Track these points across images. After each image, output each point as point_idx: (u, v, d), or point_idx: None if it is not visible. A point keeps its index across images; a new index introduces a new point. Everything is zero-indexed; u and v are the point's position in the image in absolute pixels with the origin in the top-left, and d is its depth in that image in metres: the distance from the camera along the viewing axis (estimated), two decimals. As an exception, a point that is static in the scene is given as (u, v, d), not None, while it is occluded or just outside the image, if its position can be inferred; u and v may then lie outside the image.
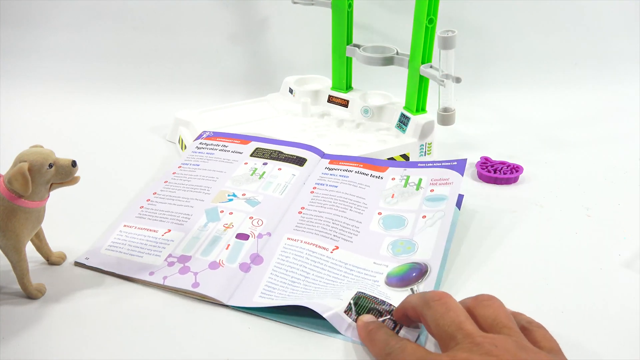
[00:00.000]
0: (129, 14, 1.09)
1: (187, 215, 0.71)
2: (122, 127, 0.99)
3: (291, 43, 1.12)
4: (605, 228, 0.73)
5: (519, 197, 0.79)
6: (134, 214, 0.72)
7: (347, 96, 0.97)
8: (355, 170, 0.79)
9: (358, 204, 0.73)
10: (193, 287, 0.61)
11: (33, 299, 0.60)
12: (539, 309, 0.59)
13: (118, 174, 0.84)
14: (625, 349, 0.55)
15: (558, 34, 1.13)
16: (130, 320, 0.57)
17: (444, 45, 0.79)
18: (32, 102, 1.05)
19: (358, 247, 0.67)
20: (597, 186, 0.82)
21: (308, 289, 0.61)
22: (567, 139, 0.97)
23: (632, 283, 0.63)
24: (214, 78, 1.12)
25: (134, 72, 1.10)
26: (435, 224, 0.68)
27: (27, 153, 0.56)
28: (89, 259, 0.65)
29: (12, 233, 0.56)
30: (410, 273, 0.63)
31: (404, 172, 0.78)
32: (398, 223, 0.70)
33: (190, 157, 0.83)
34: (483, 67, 1.12)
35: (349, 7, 0.91)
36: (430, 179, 0.75)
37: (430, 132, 0.87)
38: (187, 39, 1.11)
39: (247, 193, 0.75)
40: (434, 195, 0.73)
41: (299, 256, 0.65)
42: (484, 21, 1.11)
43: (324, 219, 0.71)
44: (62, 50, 1.10)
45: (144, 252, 0.66)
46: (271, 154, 0.82)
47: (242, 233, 0.68)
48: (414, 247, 0.66)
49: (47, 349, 0.54)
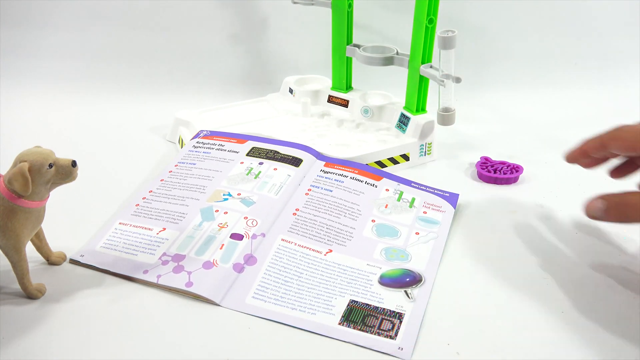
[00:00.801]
0: (129, 14, 1.09)
1: (182, 214, 0.71)
2: (122, 127, 0.99)
3: (291, 43, 1.12)
4: (605, 228, 0.72)
5: (519, 197, 0.79)
6: (130, 211, 0.72)
7: (347, 96, 0.97)
8: (350, 176, 0.79)
9: (352, 210, 0.74)
10: (186, 286, 0.61)
11: (33, 299, 0.60)
12: (539, 309, 0.60)
13: (118, 174, 0.84)
14: (626, 349, 0.55)
15: (558, 34, 1.13)
16: (131, 320, 0.57)
17: (444, 45, 0.79)
18: (32, 102, 1.05)
19: (351, 250, 0.67)
20: (597, 186, 0.82)
21: (301, 290, 0.61)
22: (567, 139, 0.96)
23: (632, 283, 0.63)
24: (214, 78, 1.12)
25: (134, 72, 1.10)
26: (428, 242, 0.69)
27: (27, 153, 0.56)
28: (84, 257, 0.65)
29: (12, 233, 0.56)
30: (404, 277, 0.63)
31: (398, 186, 0.78)
32: (391, 232, 0.70)
33: (187, 156, 0.83)
34: (483, 67, 1.12)
35: (349, 7, 0.91)
36: (424, 202, 0.76)
37: (430, 132, 0.87)
38: (187, 39, 1.11)
39: (242, 193, 0.75)
40: (427, 217, 0.73)
41: (293, 257, 0.66)
42: (484, 21, 1.11)
43: (318, 223, 0.71)
44: (62, 50, 1.10)
45: (139, 250, 0.66)
46: (267, 154, 0.82)
47: (236, 233, 0.68)
48: (407, 256, 0.67)
49: (47, 349, 0.54)
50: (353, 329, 0.57)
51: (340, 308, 0.59)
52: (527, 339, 0.56)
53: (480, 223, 0.74)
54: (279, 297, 0.60)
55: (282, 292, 0.61)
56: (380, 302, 0.60)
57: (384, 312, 0.59)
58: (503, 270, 0.65)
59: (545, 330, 0.57)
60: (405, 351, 0.54)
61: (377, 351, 0.54)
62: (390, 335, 0.56)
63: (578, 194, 0.80)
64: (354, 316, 0.58)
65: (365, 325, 0.57)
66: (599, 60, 1.14)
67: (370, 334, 0.56)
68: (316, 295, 0.61)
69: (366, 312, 0.58)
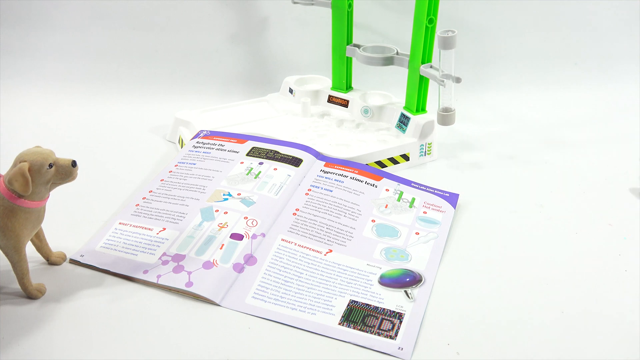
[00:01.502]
0: (128, 14, 1.09)
1: (182, 214, 0.71)
2: (122, 127, 0.99)
3: (291, 43, 1.12)
4: (605, 228, 0.73)
5: (519, 197, 0.79)
6: (130, 211, 0.72)
7: (347, 96, 0.97)
8: (350, 176, 0.79)
9: (352, 210, 0.74)
10: (187, 286, 0.61)
11: (33, 299, 0.60)
12: (539, 309, 0.60)
13: (119, 175, 0.84)
14: (626, 349, 0.55)
15: (558, 34, 1.13)
16: (131, 320, 0.57)
17: (444, 45, 0.79)
18: (32, 102, 1.05)
19: (351, 250, 0.67)
20: (597, 186, 0.82)
21: (301, 290, 0.61)
22: (567, 139, 0.97)
23: (632, 283, 0.63)
24: (214, 78, 1.12)
25: (134, 72, 1.10)
26: (429, 242, 0.69)
27: (27, 153, 0.56)
28: (84, 257, 0.65)
29: (12, 233, 0.56)
30: (404, 277, 0.63)
31: (398, 187, 0.78)
32: (391, 232, 0.70)
33: (187, 156, 0.83)
34: (483, 67, 1.12)
35: (349, 7, 0.91)
36: (424, 202, 0.76)
37: (430, 132, 0.87)
38: (187, 39, 1.11)
39: (242, 193, 0.75)
40: (427, 217, 0.73)
41: (293, 258, 0.66)
42: (484, 21, 1.11)
43: (318, 223, 0.71)
44: (62, 50, 1.10)
45: (139, 250, 0.66)
46: (267, 154, 0.82)
47: (236, 233, 0.68)
48: (407, 256, 0.67)
49: (47, 349, 0.54)
50: (353, 329, 0.57)
51: (340, 308, 0.59)
52: (527, 339, 0.56)
53: (480, 223, 0.74)
54: (279, 297, 0.60)
55: (282, 292, 0.61)
56: (380, 302, 0.60)
57: (384, 312, 0.59)
58: (503, 271, 0.65)
59: (545, 330, 0.57)
60: (405, 351, 0.54)
61: (377, 351, 0.54)
62: (390, 335, 0.56)
63: (578, 194, 0.80)
64: (354, 316, 0.58)
65: (365, 325, 0.57)
66: (599, 60, 1.14)
67: (370, 334, 0.56)
68: (316, 295, 0.61)
69: (366, 312, 0.58)
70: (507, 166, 0.88)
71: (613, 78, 1.13)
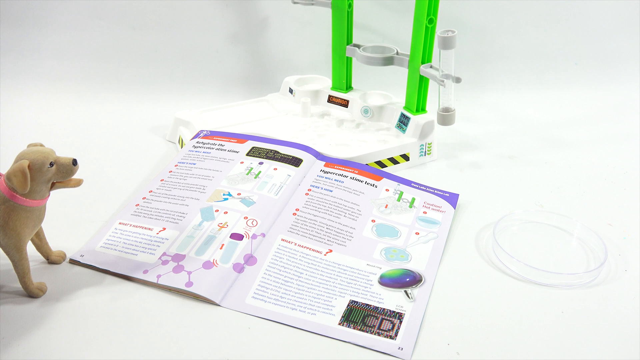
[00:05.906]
0: (128, 14, 1.09)
1: (182, 213, 0.71)
2: (122, 127, 0.99)
3: (291, 43, 1.12)
4: (605, 228, 0.73)
5: (519, 197, 0.79)
6: (130, 211, 0.72)
7: (347, 96, 0.97)
8: (350, 176, 0.79)
9: (352, 210, 0.74)
10: (186, 286, 0.61)
11: (34, 298, 0.60)
12: (539, 309, 0.60)
13: (119, 174, 0.84)
14: (626, 349, 0.55)
15: (558, 34, 1.13)
16: (130, 320, 0.57)
17: (444, 45, 0.79)
18: (32, 102, 1.05)
19: (351, 250, 0.67)
20: (597, 186, 0.82)
21: (301, 290, 0.61)
22: (567, 139, 0.97)
23: (632, 283, 0.63)
24: (214, 78, 1.12)
25: (134, 72, 1.10)
26: (428, 242, 0.69)
27: (28, 152, 0.56)
28: (84, 257, 0.65)
29: (13, 232, 0.56)
30: (404, 277, 0.63)
31: (398, 187, 0.79)
32: (391, 232, 0.70)
33: (187, 156, 0.83)
34: (483, 67, 1.12)
35: (349, 7, 0.91)
36: (424, 202, 0.76)
37: (430, 132, 0.87)
38: (187, 39, 1.11)
39: (242, 192, 0.75)
40: (427, 217, 0.73)
41: (293, 258, 0.66)
42: (484, 21, 1.11)
43: (318, 223, 0.71)
44: (62, 50, 1.10)
45: (139, 250, 0.66)
46: (267, 154, 0.82)
47: (236, 233, 0.68)
48: (407, 256, 0.67)
49: (48, 347, 0.54)
50: (353, 329, 0.57)
51: (340, 308, 0.59)
52: (527, 339, 0.56)
53: (480, 223, 0.74)
54: (279, 297, 0.60)
55: (282, 292, 0.61)
56: (380, 302, 0.60)
57: (384, 312, 0.59)
58: (503, 271, 0.65)
59: (545, 330, 0.57)
60: (405, 351, 0.54)
61: (377, 351, 0.55)
62: (390, 335, 0.56)
63: (578, 194, 0.80)
64: (354, 316, 0.58)
65: (365, 325, 0.57)
66: (599, 60, 1.14)
67: (370, 334, 0.56)
68: (316, 295, 0.61)
69: (366, 312, 0.58)
70: (507, 166, 0.88)
71: (613, 78, 1.13)
